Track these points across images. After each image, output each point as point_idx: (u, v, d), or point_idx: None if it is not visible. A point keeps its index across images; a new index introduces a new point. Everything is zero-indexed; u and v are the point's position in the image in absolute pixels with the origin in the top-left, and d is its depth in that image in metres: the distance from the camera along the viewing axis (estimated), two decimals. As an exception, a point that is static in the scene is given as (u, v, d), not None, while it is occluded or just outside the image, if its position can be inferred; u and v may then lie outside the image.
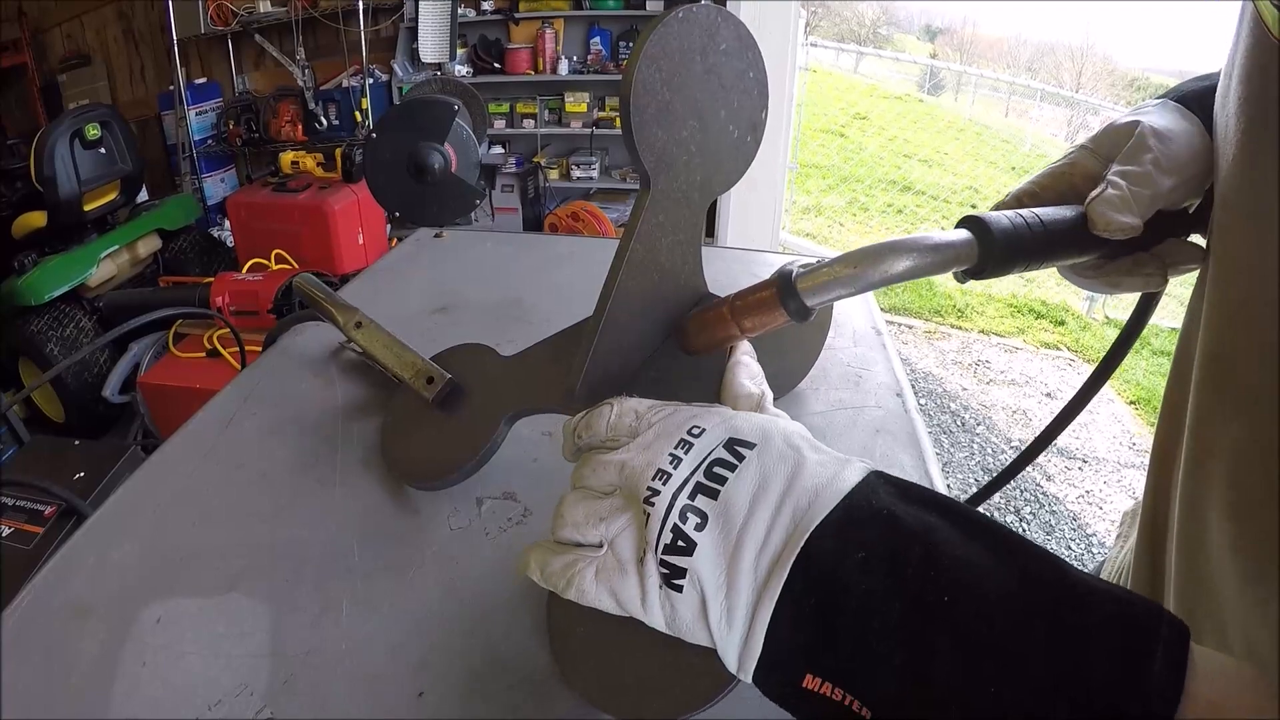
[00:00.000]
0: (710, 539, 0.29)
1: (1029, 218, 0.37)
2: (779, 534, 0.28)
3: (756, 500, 0.29)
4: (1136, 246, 0.40)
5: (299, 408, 0.64)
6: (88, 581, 0.47)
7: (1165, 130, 0.39)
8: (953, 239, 0.35)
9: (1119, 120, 0.42)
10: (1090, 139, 0.43)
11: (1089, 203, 0.38)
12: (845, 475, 0.29)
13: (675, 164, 0.39)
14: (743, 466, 0.30)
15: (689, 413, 0.34)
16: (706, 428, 0.32)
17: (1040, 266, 0.38)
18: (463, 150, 0.97)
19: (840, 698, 0.26)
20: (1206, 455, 0.35)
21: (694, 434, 0.32)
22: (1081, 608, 0.24)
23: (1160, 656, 0.23)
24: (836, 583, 0.27)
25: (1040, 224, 0.37)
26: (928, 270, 0.34)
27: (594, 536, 0.33)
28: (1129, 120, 0.41)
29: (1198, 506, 0.36)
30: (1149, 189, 0.38)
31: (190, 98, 3.80)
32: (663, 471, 0.31)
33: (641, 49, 0.34)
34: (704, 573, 0.29)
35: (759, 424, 0.32)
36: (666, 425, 0.33)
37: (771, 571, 0.28)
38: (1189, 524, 0.37)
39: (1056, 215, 0.38)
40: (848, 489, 0.29)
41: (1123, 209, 0.37)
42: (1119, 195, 0.37)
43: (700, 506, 0.30)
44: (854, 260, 0.35)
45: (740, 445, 0.31)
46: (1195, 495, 0.36)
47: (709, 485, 0.30)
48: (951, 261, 0.35)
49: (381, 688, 0.41)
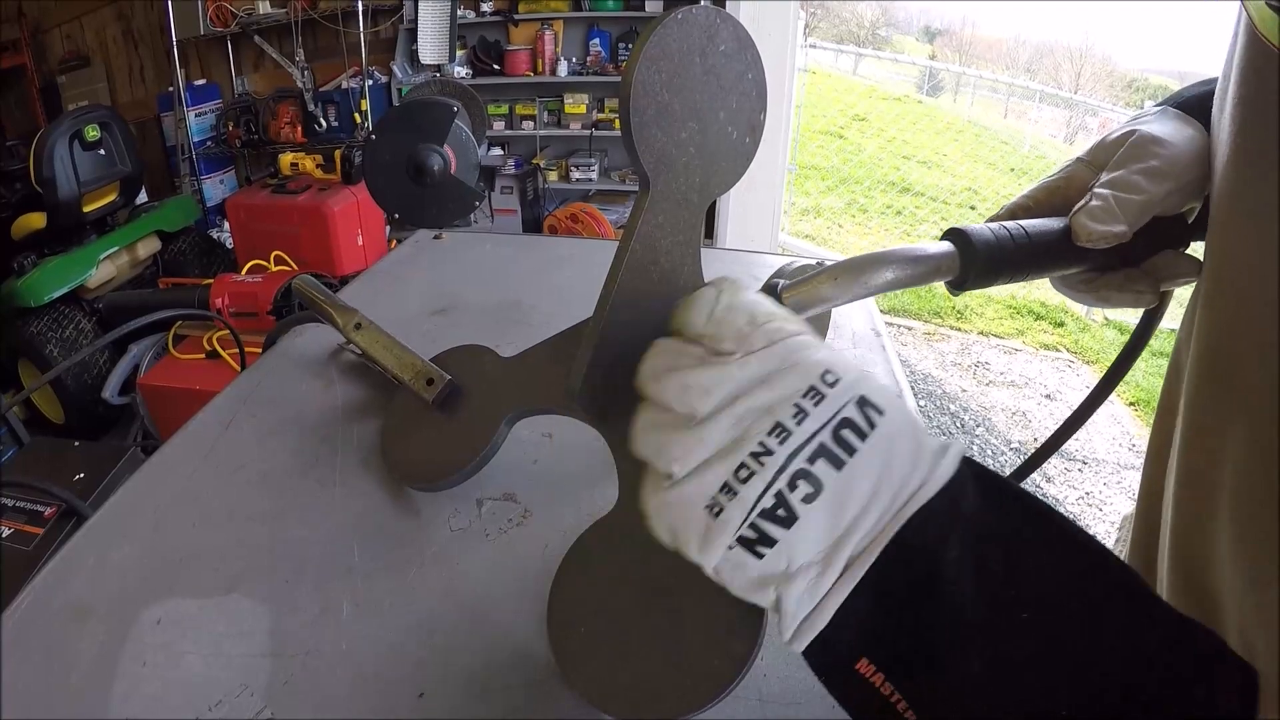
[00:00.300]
0: (818, 518, 0.26)
1: (1013, 229, 0.37)
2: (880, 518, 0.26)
3: (880, 484, 0.26)
4: (1130, 259, 0.40)
5: (299, 409, 0.64)
6: (87, 582, 0.47)
7: (1161, 136, 0.39)
8: (934, 250, 0.36)
9: (1113, 132, 0.42)
10: (1086, 151, 0.43)
11: (1073, 214, 0.38)
12: (944, 464, 0.27)
13: (674, 165, 0.39)
14: (874, 438, 0.26)
15: (817, 348, 0.28)
16: (842, 377, 0.26)
17: (1026, 278, 0.38)
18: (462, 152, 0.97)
19: (888, 692, 0.26)
20: (1203, 457, 0.35)
21: (828, 381, 0.26)
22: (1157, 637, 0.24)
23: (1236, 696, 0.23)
24: (921, 581, 0.25)
25: (1025, 235, 0.37)
26: (910, 281, 0.35)
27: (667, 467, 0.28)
28: (1124, 130, 0.41)
29: (1193, 508, 0.36)
30: (1138, 195, 0.38)
31: (190, 99, 3.80)
32: (781, 426, 0.26)
33: (641, 50, 0.34)
34: (797, 550, 0.26)
35: (881, 386, 0.27)
36: (793, 356, 0.27)
37: (862, 554, 0.26)
38: (1183, 524, 0.37)
39: (1043, 227, 0.38)
40: (946, 479, 0.26)
41: (1105, 219, 0.37)
42: (1101, 205, 0.38)
43: (818, 475, 0.25)
44: (836, 273, 0.35)
45: (872, 409, 0.26)
46: (1190, 497, 0.36)
47: (835, 453, 0.26)
48: (933, 273, 0.35)
49: (381, 688, 0.41)
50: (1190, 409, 0.37)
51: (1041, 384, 3.43)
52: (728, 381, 0.27)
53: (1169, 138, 0.39)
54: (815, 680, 0.28)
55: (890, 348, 0.75)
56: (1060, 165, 0.44)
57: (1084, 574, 0.26)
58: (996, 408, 3.20)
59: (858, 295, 0.35)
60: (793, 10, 3.49)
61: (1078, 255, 0.38)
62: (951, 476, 0.26)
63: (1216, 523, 0.33)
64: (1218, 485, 0.33)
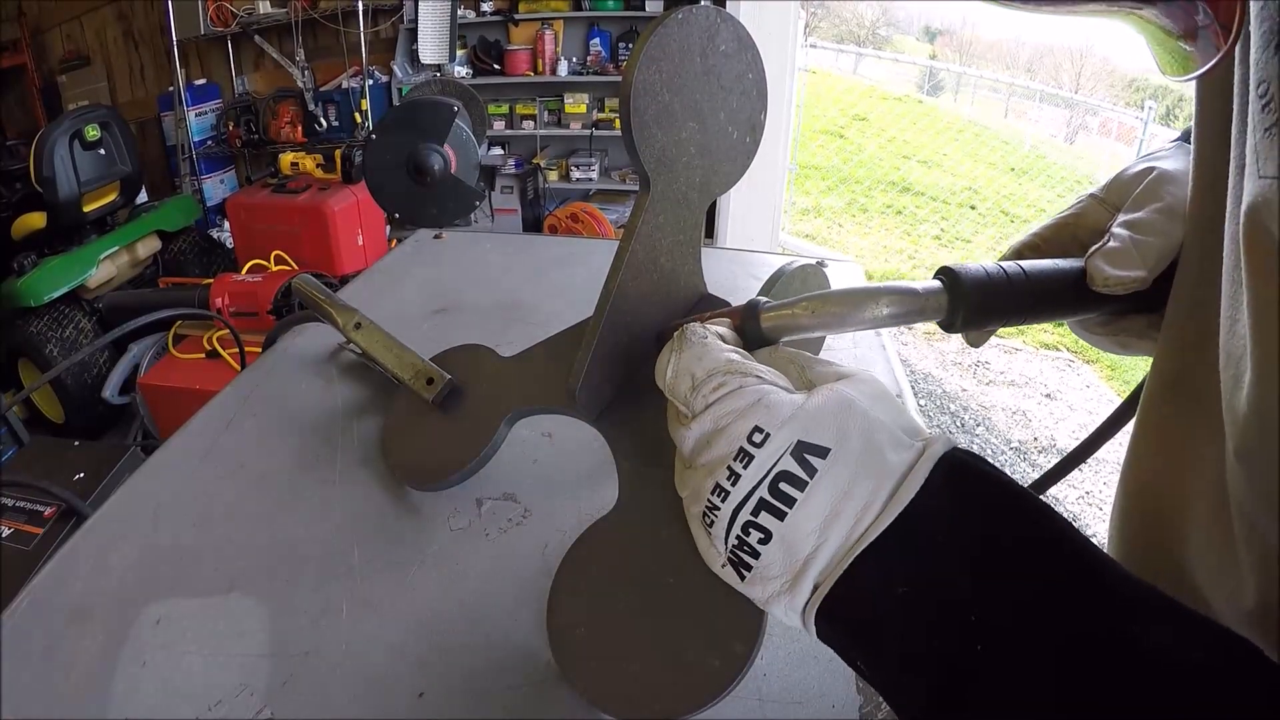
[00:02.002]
0: (775, 555, 0.28)
1: (1010, 269, 0.34)
2: (836, 551, 0.27)
3: (829, 526, 0.27)
4: (1150, 305, 0.36)
5: (299, 408, 0.64)
6: (87, 582, 0.47)
7: (1178, 174, 0.37)
8: (921, 289, 0.34)
9: (1130, 168, 0.40)
10: (1100, 188, 0.41)
11: (1088, 256, 0.36)
12: (910, 482, 0.27)
13: (675, 165, 0.39)
14: (813, 485, 0.27)
15: (748, 404, 0.29)
16: (770, 433, 0.28)
17: (1035, 320, 0.36)
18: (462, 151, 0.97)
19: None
20: (1162, 462, 0.34)
21: (755, 442, 0.28)
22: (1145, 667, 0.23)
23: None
24: (868, 615, 0.27)
25: (1023, 276, 0.34)
26: (894, 320, 0.33)
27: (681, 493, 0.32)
28: (1141, 167, 0.39)
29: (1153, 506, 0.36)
30: (1159, 238, 0.35)
31: (190, 99, 3.80)
32: (720, 488, 0.29)
33: (641, 50, 0.34)
34: (768, 578, 0.28)
35: (835, 414, 0.28)
36: (723, 420, 0.30)
37: (823, 582, 0.28)
38: (1142, 539, 0.37)
39: (1050, 268, 0.36)
40: (910, 498, 0.27)
41: (1124, 264, 0.35)
42: (1119, 248, 0.35)
43: (764, 524, 0.28)
44: (815, 305, 0.34)
45: (812, 453, 0.28)
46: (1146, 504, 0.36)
47: (775, 505, 0.28)
48: (919, 313, 0.33)
49: (381, 688, 0.41)
50: (1146, 416, 0.36)
51: (1041, 383, 3.43)
52: (688, 441, 0.31)
53: (1186, 176, 0.37)
54: (815, 680, 0.28)
55: (890, 347, 0.75)
56: (1072, 201, 0.42)
57: (1063, 580, 0.25)
58: (996, 407, 3.19)
59: (835, 330, 0.34)
60: (793, 9, 3.49)
61: (1094, 300, 0.36)
62: (913, 499, 0.27)
63: (1194, 529, 0.32)
64: (1177, 488, 0.33)
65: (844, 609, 0.27)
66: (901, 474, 0.27)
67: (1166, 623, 0.24)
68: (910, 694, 0.26)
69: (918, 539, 0.26)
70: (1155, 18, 0.26)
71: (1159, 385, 0.35)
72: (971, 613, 0.25)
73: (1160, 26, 0.27)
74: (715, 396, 0.30)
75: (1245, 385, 0.25)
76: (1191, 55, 0.26)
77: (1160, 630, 0.23)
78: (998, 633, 0.24)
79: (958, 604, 0.25)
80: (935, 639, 0.25)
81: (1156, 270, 0.35)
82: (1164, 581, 0.26)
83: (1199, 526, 0.32)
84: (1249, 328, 0.24)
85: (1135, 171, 0.39)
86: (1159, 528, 0.35)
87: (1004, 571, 0.25)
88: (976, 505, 0.27)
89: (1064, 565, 0.25)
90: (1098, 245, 0.36)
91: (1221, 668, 0.22)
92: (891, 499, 0.27)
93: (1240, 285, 0.25)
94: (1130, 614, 0.24)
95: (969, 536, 0.26)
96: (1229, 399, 0.27)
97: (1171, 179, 0.37)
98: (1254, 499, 0.27)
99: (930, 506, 0.27)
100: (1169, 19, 0.26)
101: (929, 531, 0.26)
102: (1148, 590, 0.24)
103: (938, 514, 0.26)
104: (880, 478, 0.27)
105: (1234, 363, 0.26)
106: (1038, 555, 0.25)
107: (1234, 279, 0.26)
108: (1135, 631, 0.23)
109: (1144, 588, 0.24)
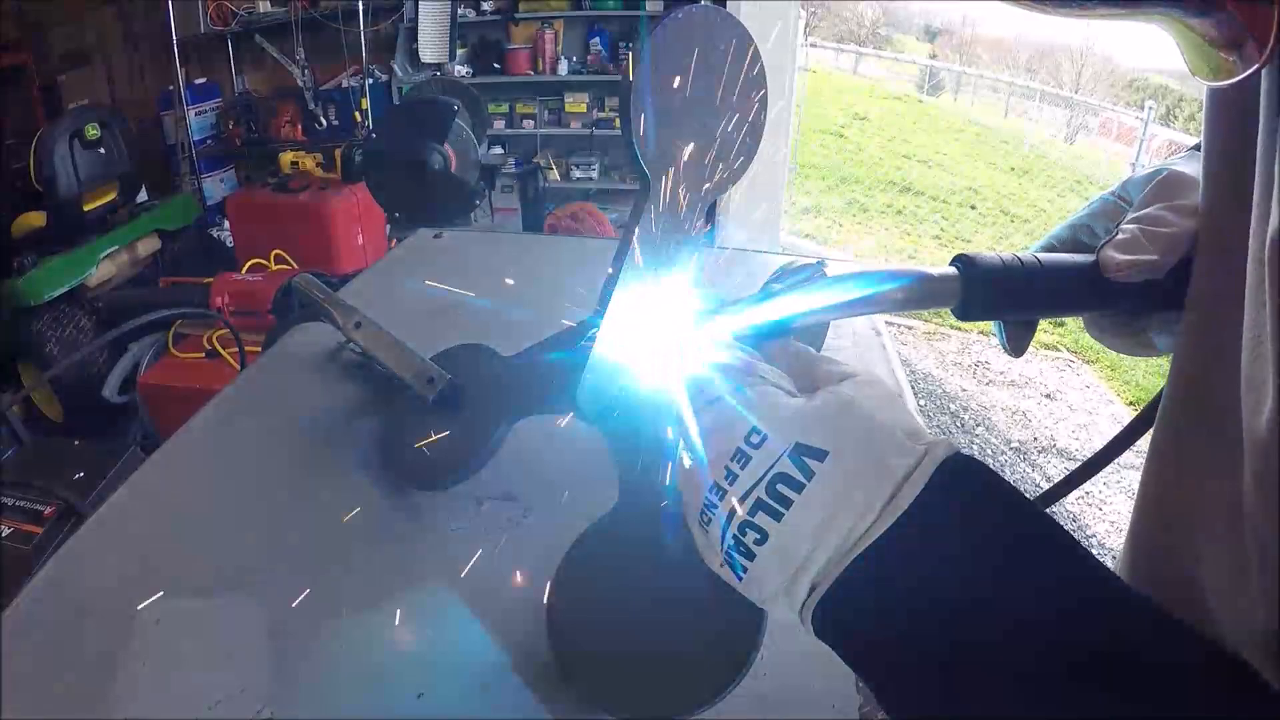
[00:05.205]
0: (770, 559, 0.28)
1: (1025, 258, 0.35)
2: (832, 556, 0.27)
3: (825, 529, 0.27)
4: (1170, 302, 0.37)
5: (299, 408, 0.64)
6: (87, 582, 0.47)
7: (1189, 176, 0.38)
8: (937, 274, 0.34)
9: (1145, 169, 0.41)
10: (1114, 189, 0.42)
11: (1100, 248, 0.37)
12: (910, 486, 0.27)
13: (675, 164, 0.39)
14: (811, 487, 0.27)
15: (748, 405, 0.30)
16: (768, 434, 0.29)
17: (1050, 315, 0.36)
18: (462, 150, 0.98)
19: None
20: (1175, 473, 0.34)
21: (752, 443, 0.29)
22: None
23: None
24: (865, 618, 0.27)
25: (1038, 264, 0.35)
26: (908, 304, 0.33)
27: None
28: (1154, 169, 0.41)
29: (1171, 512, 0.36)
30: (1168, 229, 0.36)
31: (190, 98, 3.80)
32: (718, 487, 0.29)
33: (642, 49, 0.34)
34: (765, 580, 0.28)
35: (834, 417, 0.29)
36: (723, 418, 0.30)
37: (820, 584, 0.28)
38: (1165, 539, 0.37)
39: (1064, 260, 0.36)
40: (908, 503, 0.27)
41: (1133, 249, 0.35)
42: (1129, 238, 0.36)
43: (761, 525, 0.28)
44: (829, 286, 0.34)
45: (810, 456, 0.28)
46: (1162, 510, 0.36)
47: (772, 506, 0.28)
48: (933, 298, 0.34)
49: (381, 688, 0.41)
50: (1164, 427, 0.36)
51: (1041, 383, 3.43)
52: (688, 440, 0.31)
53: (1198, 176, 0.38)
54: (815, 681, 0.28)
55: (890, 347, 0.75)
56: (1087, 203, 0.43)
57: (1060, 590, 0.25)
58: (996, 407, 3.20)
59: (852, 312, 0.34)
60: (793, 9, 3.49)
61: (1111, 294, 0.36)
62: (912, 503, 0.27)
63: (1194, 535, 0.33)
64: (1193, 501, 0.33)
65: (841, 611, 0.27)
66: (901, 478, 0.27)
67: (1160, 633, 0.24)
68: (905, 696, 0.26)
69: (917, 543, 0.26)
70: (1199, 25, 0.27)
71: (1177, 395, 0.36)
72: (968, 618, 0.25)
73: (1200, 33, 0.27)
74: (716, 396, 0.31)
75: (1266, 411, 0.25)
76: (1230, 63, 0.26)
77: (1153, 640, 0.23)
78: (993, 639, 0.24)
79: (955, 609, 0.25)
80: (931, 643, 0.25)
81: (1167, 256, 0.36)
82: (1173, 594, 0.26)
83: (1212, 543, 0.32)
84: (1273, 354, 0.24)
85: (1147, 173, 0.40)
86: (1172, 540, 0.35)
87: (1001, 578, 0.25)
88: (976, 511, 0.27)
89: (1061, 574, 0.25)
90: (1109, 238, 0.37)
91: (1211, 681, 0.22)
92: (890, 503, 0.27)
93: (1263, 308, 0.25)
94: (1124, 623, 0.24)
95: (968, 542, 0.26)
96: (1250, 421, 0.27)
97: (1181, 180, 0.38)
98: (1269, 525, 0.27)
99: (930, 511, 0.27)
100: (1214, 28, 0.26)
101: (928, 536, 0.26)
102: (1143, 601, 0.24)
103: (938, 519, 0.27)
104: (879, 481, 0.27)
105: (1256, 387, 0.26)
106: (1035, 563, 0.25)
107: (1257, 301, 0.26)
108: (1129, 640, 0.23)
109: (1139, 598, 0.24)
